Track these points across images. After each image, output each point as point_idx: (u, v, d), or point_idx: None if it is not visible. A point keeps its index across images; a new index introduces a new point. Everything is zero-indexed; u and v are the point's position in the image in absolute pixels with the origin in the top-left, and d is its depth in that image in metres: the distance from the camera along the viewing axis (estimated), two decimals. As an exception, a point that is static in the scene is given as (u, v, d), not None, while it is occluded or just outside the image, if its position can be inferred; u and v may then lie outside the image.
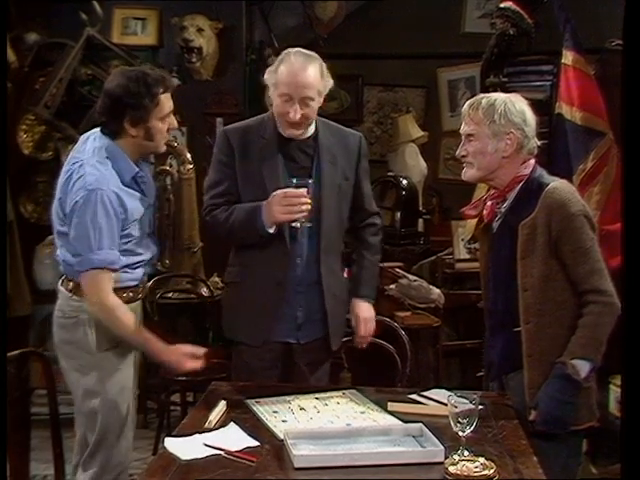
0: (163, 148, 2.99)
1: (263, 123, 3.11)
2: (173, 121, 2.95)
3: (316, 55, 3.05)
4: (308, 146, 3.07)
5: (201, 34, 5.39)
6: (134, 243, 2.93)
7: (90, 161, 2.82)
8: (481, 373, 3.12)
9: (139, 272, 2.99)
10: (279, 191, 2.91)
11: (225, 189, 3.06)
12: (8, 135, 4.92)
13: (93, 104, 5.30)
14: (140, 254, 2.97)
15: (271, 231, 2.94)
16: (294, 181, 2.90)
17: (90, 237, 2.77)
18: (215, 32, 5.46)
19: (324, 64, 3.03)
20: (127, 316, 2.86)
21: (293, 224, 2.94)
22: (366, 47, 6.79)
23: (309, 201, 2.89)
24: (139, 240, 2.95)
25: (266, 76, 3.04)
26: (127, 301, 2.94)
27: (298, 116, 2.94)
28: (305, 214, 2.90)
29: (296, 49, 3.05)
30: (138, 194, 2.92)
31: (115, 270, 2.84)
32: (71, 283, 2.93)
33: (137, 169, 2.90)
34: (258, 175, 3.02)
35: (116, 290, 2.89)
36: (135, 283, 2.99)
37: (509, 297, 2.70)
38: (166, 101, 2.87)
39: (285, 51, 3.05)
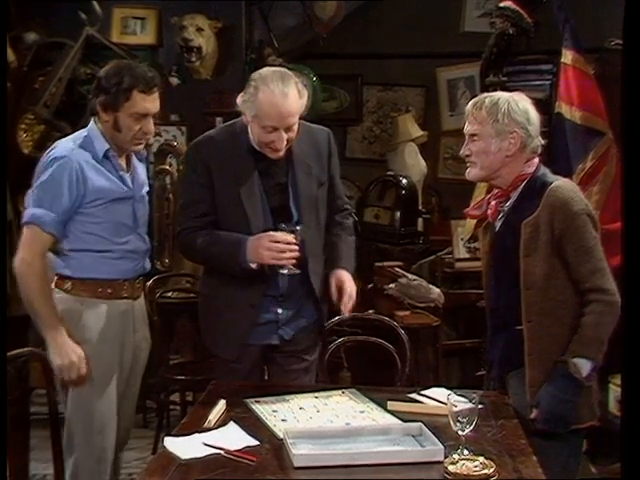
0: (132, 146, 2.97)
1: (235, 136, 2.99)
2: (148, 125, 2.94)
3: (289, 73, 2.91)
4: (282, 158, 2.96)
5: (200, 33, 5.38)
6: (103, 228, 2.93)
7: (66, 139, 3.00)
8: (481, 372, 3.12)
9: (119, 265, 2.97)
10: (268, 234, 2.85)
11: (205, 209, 2.97)
12: (8, 135, 4.92)
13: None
14: (117, 243, 2.95)
15: (253, 266, 2.88)
16: (283, 226, 2.86)
17: (36, 194, 2.90)
18: (214, 31, 5.45)
19: (297, 80, 2.90)
20: (40, 284, 2.84)
21: (280, 270, 2.89)
22: (365, 46, 6.79)
23: (297, 248, 2.84)
24: (111, 227, 2.94)
25: (240, 104, 2.90)
26: (107, 297, 2.94)
27: (284, 144, 2.87)
28: (293, 261, 2.86)
29: (268, 70, 2.93)
30: (110, 175, 2.94)
31: (51, 234, 2.87)
32: (56, 277, 2.99)
33: (108, 146, 2.94)
34: (235, 196, 2.93)
35: (93, 282, 2.92)
36: (115, 277, 2.96)
37: (511, 295, 2.70)
38: (141, 101, 2.89)
39: (257, 75, 2.89)
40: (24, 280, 2.85)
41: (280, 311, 3.02)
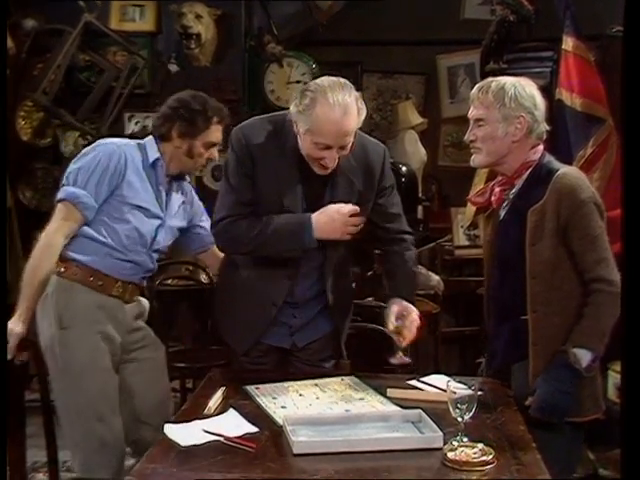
0: (196, 170, 3.27)
1: (283, 134, 2.80)
2: (215, 153, 3.08)
3: (350, 85, 2.70)
4: None
5: (200, 20, 5.36)
6: (121, 226, 2.94)
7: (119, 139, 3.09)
8: (480, 360, 3.10)
9: (119, 264, 2.96)
10: (334, 208, 2.76)
11: (248, 198, 2.82)
12: (7, 122, 4.91)
13: (91, 90, 5.32)
14: (124, 246, 2.95)
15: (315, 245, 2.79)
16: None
17: (78, 174, 2.93)
18: (214, 18, 5.44)
19: (358, 94, 2.71)
20: (43, 257, 2.88)
21: (391, 359, 2.81)
22: (365, 34, 6.75)
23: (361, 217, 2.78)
24: (128, 229, 2.94)
25: (293, 114, 2.70)
26: (94, 288, 2.93)
27: (335, 163, 2.72)
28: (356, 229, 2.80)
29: (329, 81, 2.68)
30: (148, 185, 2.99)
31: (85, 216, 2.91)
32: None
33: (158, 154, 3.01)
34: (275, 195, 2.80)
35: (86, 268, 2.93)
36: (109, 272, 2.96)
37: (516, 285, 2.67)
38: (215, 131, 3.02)
39: (315, 85, 2.68)
40: (34, 253, 2.90)
41: (294, 316, 2.95)
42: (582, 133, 4.25)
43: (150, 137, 3.07)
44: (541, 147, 2.76)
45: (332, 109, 2.61)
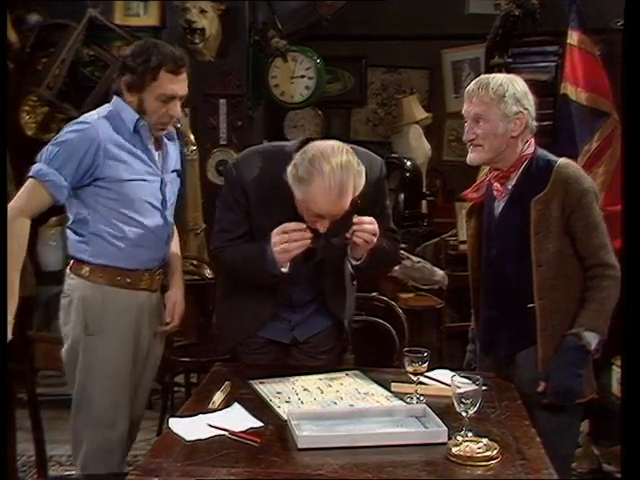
0: (154, 131, 2.83)
1: (280, 163, 2.66)
2: (175, 108, 2.78)
3: (351, 153, 2.60)
4: None
5: (204, 15, 5.35)
6: (125, 205, 2.79)
7: (90, 113, 2.85)
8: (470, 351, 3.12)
9: (138, 254, 2.84)
10: (277, 228, 2.67)
11: (240, 232, 2.82)
12: (11, 116, 4.91)
13: (95, 85, 5.32)
14: (139, 223, 2.81)
15: (284, 270, 2.71)
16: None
17: (50, 151, 2.76)
18: (218, 13, 5.42)
19: (359, 166, 2.60)
20: (13, 236, 2.67)
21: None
22: (370, 28, 6.75)
23: (310, 235, 2.65)
24: (134, 204, 2.80)
25: (290, 176, 2.60)
26: (124, 286, 2.83)
27: (326, 229, 2.65)
28: (304, 247, 2.67)
29: (332, 155, 2.55)
30: (136, 150, 2.80)
31: (52, 195, 2.75)
32: (72, 260, 2.89)
33: (138, 116, 2.78)
34: (269, 227, 2.70)
35: (112, 269, 2.81)
36: (134, 266, 2.85)
37: (520, 274, 2.73)
38: (168, 82, 2.73)
39: (317, 154, 2.56)
40: (8, 227, 2.69)
41: (293, 312, 2.96)
42: (587, 127, 4.26)
43: (115, 99, 2.84)
44: (532, 140, 2.80)
45: (329, 191, 2.54)
